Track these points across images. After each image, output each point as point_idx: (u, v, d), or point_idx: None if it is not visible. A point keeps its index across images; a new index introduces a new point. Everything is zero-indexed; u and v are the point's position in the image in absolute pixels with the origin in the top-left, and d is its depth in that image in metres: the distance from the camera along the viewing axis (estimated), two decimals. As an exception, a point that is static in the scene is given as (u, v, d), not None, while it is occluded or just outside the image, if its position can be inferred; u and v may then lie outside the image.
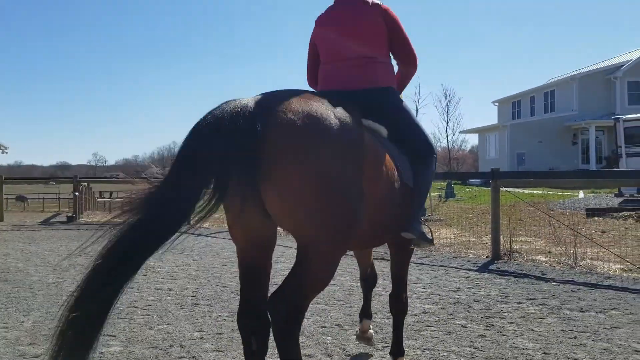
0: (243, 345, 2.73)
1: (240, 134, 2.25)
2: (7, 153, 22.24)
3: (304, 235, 2.50)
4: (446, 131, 57.20)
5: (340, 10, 3.28)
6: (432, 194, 18.69)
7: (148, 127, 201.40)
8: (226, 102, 2.40)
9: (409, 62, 3.46)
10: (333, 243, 2.50)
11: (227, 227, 2.53)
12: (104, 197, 30.19)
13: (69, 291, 6.23)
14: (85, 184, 20.83)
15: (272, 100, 2.42)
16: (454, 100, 70.65)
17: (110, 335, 4.55)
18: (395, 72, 3.46)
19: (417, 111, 45.04)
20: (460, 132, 53.46)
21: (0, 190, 18.54)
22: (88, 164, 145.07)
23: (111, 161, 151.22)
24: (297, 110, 2.39)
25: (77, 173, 22.72)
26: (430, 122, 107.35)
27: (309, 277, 2.48)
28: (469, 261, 8.24)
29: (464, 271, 7.43)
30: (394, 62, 3.45)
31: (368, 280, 4.10)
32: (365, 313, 4.07)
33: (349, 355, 4.00)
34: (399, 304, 3.59)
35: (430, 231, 3.39)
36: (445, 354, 4.03)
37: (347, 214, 2.45)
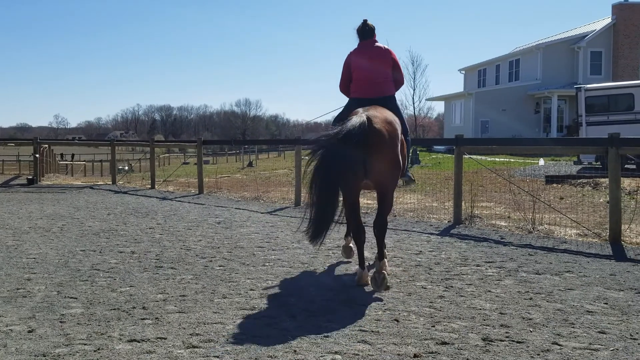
0: (356, 238, 5.05)
1: (362, 136, 4.59)
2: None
3: (385, 186, 4.99)
4: (413, 98, 57.22)
5: (367, 49, 5.73)
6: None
7: (111, 89, 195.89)
8: (349, 119, 4.73)
9: (401, 80, 5.89)
10: (394, 188, 5.20)
11: (192, 191, 2.79)
12: (66, 160, 29.51)
13: (29, 254, 6.15)
14: (46, 146, 20.28)
15: (372, 118, 4.76)
16: (420, 67, 70.73)
17: (71, 297, 4.51)
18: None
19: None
20: (427, 99, 53.70)
21: (-45, 152, 17.93)
22: (49, 125, 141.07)
23: (73, 123, 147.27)
24: (383, 123, 4.81)
25: (38, 135, 22.08)
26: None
27: (388, 206, 5.09)
28: (431, 225, 8.40)
29: (426, 235, 7.58)
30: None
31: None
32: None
33: (313, 316, 4.07)
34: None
35: (413, 175, 6.29)
36: (405, 314, 4.13)
37: (399, 174, 5.12)
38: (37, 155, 17.40)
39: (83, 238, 7.33)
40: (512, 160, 21.17)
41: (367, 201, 10.76)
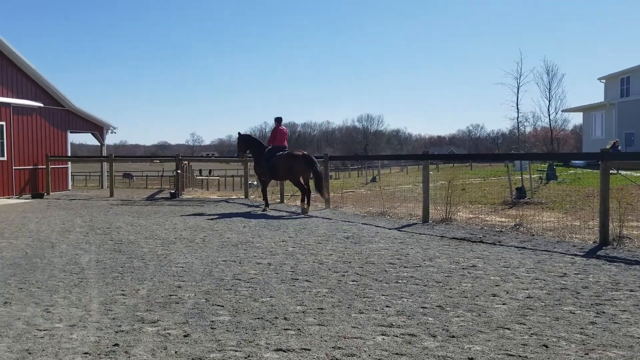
0: (304, 192, 13.05)
1: (310, 160, 13.25)
2: (115, 133, 23.78)
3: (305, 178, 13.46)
4: (548, 110, 53.88)
5: (281, 128, 14.20)
6: (532, 176, 17.87)
7: (241, 108, 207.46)
8: (306, 153, 13.51)
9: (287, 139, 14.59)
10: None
11: (319, 206, 7.21)
12: (203, 175, 31.61)
13: (177, 263, 6.63)
14: (187, 162, 21.82)
15: (308, 154, 13.51)
16: (556, 77, 66.38)
17: (219, 305, 4.79)
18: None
19: (518, 88, 42.73)
20: (563, 110, 50.41)
21: (110, 168, 19.92)
22: (186, 143, 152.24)
23: (207, 141, 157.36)
24: (310, 155, 13.57)
25: (177, 152, 23.86)
26: (531, 100, 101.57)
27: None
28: (574, 246, 7.83)
29: (570, 256, 7.08)
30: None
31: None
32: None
33: (453, 336, 3.95)
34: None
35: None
36: (554, 339, 3.88)
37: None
38: (179, 171, 18.80)
39: (223, 249, 7.77)
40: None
41: (501, 219, 10.30)
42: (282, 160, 13.20)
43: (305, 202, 12.91)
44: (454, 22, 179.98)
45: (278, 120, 14.17)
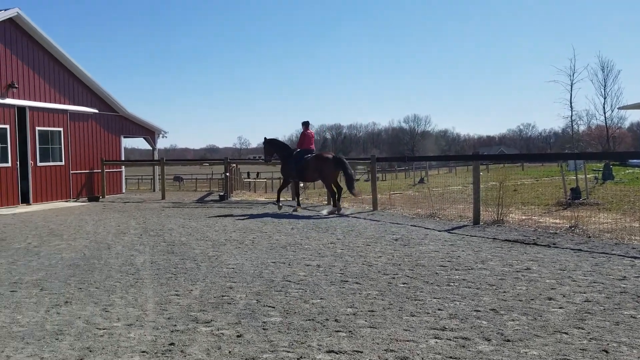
0: (333, 194, 13.61)
1: (340, 161, 13.56)
2: (166, 137, 24.41)
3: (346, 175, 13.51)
4: (603, 107, 51.88)
5: (309, 132, 14.50)
6: (588, 176, 17.29)
7: (286, 111, 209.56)
8: (337, 155, 14.23)
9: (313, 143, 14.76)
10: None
11: (366, 208, 9.68)
12: (251, 178, 32.04)
13: (228, 264, 6.73)
14: (235, 165, 22.14)
15: (337, 155, 14.05)
16: (612, 73, 63.78)
17: (270, 306, 4.84)
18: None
19: (571, 86, 41.33)
20: (619, 108, 48.51)
21: (162, 172, 20.44)
22: (233, 146, 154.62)
23: (254, 144, 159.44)
24: (341, 157, 14.10)
25: (225, 155, 24.21)
26: (585, 97, 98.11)
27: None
28: (633, 248, 7.53)
29: (629, 259, 6.81)
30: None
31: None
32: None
33: (508, 340, 3.86)
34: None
35: None
36: (615, 345, 3.74)
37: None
38: (228, 174, 19.10)
39: (272, 251, 7.85)
40: None
41: (556, 220, 10.00)
42: (311, 163, 13.51)
43: (336, 201, 13.47)
44: (504, 20, 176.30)
45: (305, 124, 14.57)
